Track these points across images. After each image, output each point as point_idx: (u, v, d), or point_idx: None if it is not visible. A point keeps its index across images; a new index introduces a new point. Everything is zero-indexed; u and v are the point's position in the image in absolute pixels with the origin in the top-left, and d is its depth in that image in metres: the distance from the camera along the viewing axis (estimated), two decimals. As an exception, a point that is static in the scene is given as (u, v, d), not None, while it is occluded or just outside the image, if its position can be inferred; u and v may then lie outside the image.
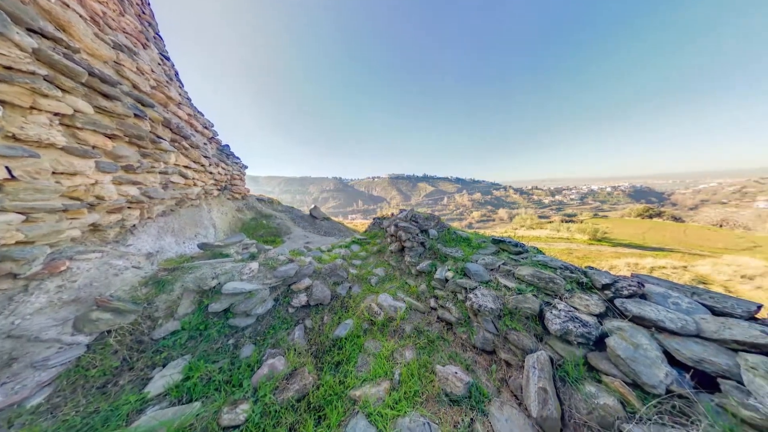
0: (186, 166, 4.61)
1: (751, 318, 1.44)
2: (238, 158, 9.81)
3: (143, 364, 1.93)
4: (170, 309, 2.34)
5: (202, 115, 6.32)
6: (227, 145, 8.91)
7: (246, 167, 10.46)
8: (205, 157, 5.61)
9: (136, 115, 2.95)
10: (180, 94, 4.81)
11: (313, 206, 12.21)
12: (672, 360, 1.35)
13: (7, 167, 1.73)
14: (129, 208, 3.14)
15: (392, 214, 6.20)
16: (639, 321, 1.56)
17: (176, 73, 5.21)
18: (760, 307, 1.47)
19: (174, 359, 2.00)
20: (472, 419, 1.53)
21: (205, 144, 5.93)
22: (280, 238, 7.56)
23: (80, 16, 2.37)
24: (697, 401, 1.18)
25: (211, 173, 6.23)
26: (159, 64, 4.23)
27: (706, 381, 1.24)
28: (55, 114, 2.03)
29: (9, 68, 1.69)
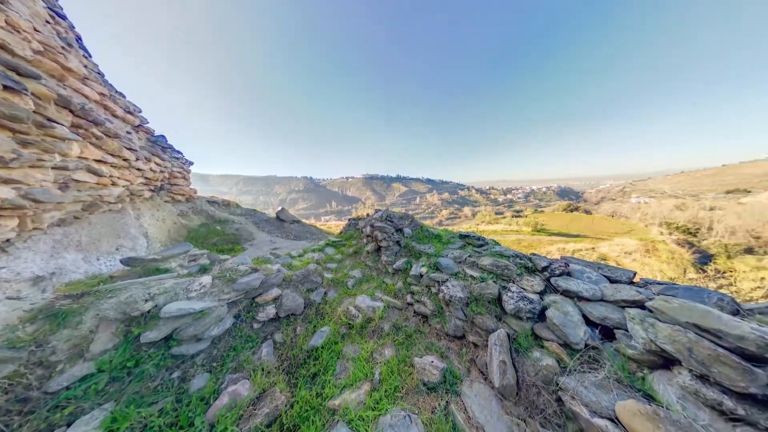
0: (99, 160, 3.58)
1: (631, 282, 1.99)
2: (179, 152, 8.17)
3: (32, 428, 1.41)
4: (78, 348, 1.78)
5: (123, 97, 5.02)
6: (162, 136, 7.32)
7: (191, 163, 8.80)
8: (130, 149, 4.48)
9: (6, 88, 2.13)
10: (86, 66, 3.71)
11: (280, 208, 11.14)
12: (587, 320, 1.75)
13: None
14: (-2, 216, 2.26)
15: (368, 215, 6.18)
16: (566, 293, 1.97)
17: (78, 39, 3.99)
18: (635, 273, 2.05)
19: (86, 412, 1.53)
20: (447, 402, 1.66)
21: (128, 133, 4.72)
22: (240, 246, 6.63)
23: None
24: (603, 349, 1.57)
25: (139, 170, 5.01)
26: (48, 22, 3.16)
27: (608, 333, 1.66)
28: None
29: None
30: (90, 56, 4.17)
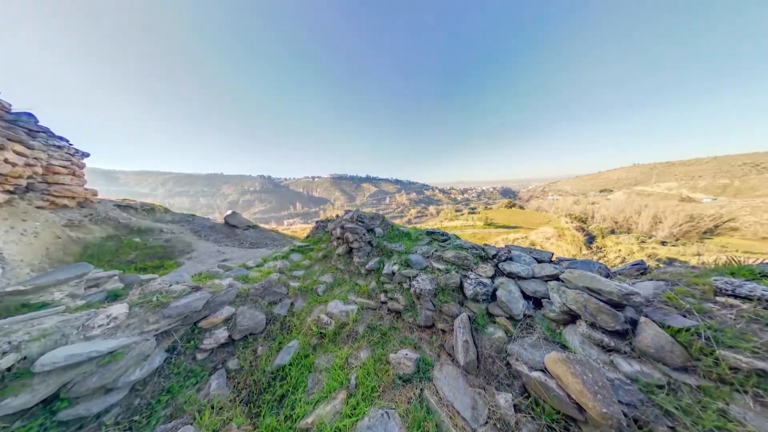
0: None
1: (550, 261, 2.58)
2: (61, 139, 5.97)
3: None
4: None
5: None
6: (28, 114, 5.19)
7: (84, 155, 6.55)
8: (-41, 129, 2.98)
9: None
10: None
11: (230, 212, 9.50)
12: (524, 295, 2.17)
13: None
14: None
15: (337, 216, 5.95)
16: (510, 275, 2.40)
17: None
18: (552, 254, 2.66)
19: None
20: (421, 389, 1.76)
21: (-46, 105, 3.12)
22: (172, 261, 5.33)
23: None
24: (535, 316, 1.98)
25: (-20, 161, 3.38)
26: None
27: (537, 303, 2.10)
28: None
29: None
30: None
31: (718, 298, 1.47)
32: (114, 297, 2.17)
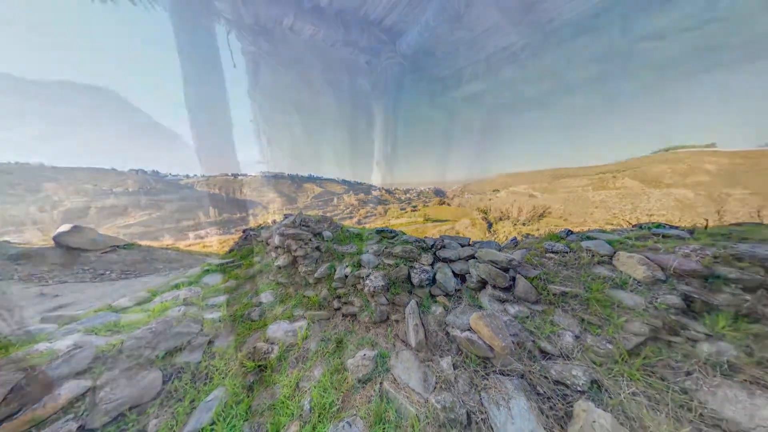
0: None
1: (469, 244, 3.36)
2: None
3: None
4: None
5: None
6: None
7: None
8: None
9: None
10: None
11: (66, 228, 5.91)
12: (455, 274, 2.72)
13: None
14: None
15: (274, 222, 5.04)
16: (444, 260, 2.92)
17: None
18: (470, 239, 3.49)
19: None
20: (381, 383, 1.82)
21: None
22: None
23: None
24: (462, 289, 2.52)
25: None
26: None
27: (463, 278, 2.69)
28: None
29: None
30: None
31: (547, 255, 2.45)
32: None
